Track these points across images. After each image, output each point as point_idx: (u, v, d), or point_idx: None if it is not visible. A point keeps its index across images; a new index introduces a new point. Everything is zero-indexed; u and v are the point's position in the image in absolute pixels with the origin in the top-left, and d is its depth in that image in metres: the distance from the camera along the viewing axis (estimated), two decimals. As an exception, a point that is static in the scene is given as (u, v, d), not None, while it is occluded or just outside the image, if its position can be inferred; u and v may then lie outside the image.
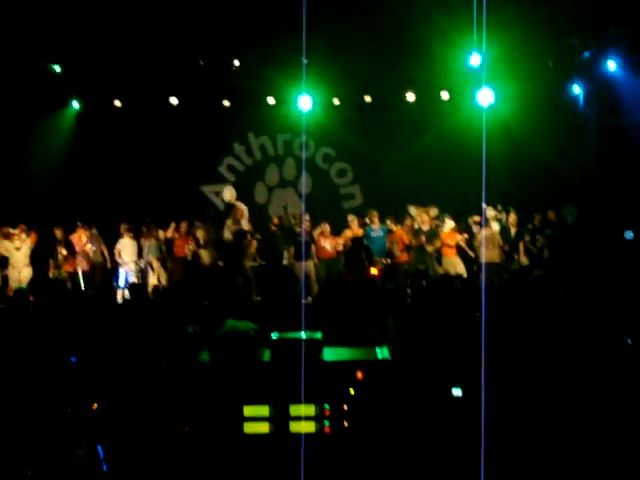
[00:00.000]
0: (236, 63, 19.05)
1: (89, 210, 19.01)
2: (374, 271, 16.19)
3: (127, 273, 18.09)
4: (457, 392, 7.07)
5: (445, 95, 20.36)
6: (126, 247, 18.13)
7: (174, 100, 20.19)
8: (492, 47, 16.78)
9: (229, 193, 17.90)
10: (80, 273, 18.02)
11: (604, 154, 18.51)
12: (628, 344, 7.88)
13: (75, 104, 20.49)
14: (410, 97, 20.25)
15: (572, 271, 14.83)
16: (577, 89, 19.74)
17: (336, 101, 20.65)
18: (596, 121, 18.96)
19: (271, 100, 20.35)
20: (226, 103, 20.51)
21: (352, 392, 6.56)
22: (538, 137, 19.66)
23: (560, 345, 7.75)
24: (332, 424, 6.45)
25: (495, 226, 18.08)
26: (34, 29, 16.77)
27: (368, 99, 20.55)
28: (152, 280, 17.99)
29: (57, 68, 18.73)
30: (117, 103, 20.26)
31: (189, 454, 6.64)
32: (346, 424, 6.48)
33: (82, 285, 17.71)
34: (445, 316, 8.84)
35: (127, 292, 16.77)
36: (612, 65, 18.12)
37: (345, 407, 6.50)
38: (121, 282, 18.10)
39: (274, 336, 7.25)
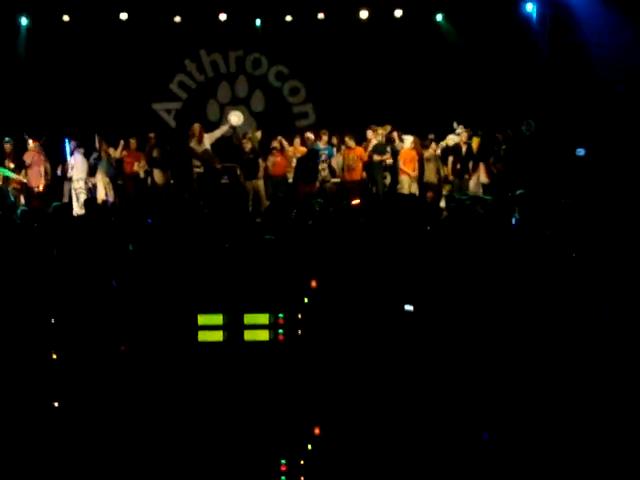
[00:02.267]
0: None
1: (39, 126, 18.73)
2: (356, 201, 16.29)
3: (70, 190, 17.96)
4: (409, 307, 7.14)
5: (398, 13, 20.22)
6: (77, 164, 17.93)
7: (124, 15, 19.85)
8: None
9: (236, 118, 17.73)
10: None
11: (558, 72, 18.52)
12: (576, 259, 7.96)
13: (23, 20, 20.02)
14: (363, 14, 20.11)
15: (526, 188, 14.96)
16: (530, 7, 19.67)
17: (289, 17, 20.42)
18: (549, 39, 18.94)
19: (223, 16, 20.08)
20: (177, 19, 20.19)
21: (306, 301, 6.61)
22: (492, 56, 19.64)
23: (507, 263, 7.81)
24: (286, 332, 6.50)
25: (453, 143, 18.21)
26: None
27: (321, 16, 20.35)
28: (100, 197, 17.86)
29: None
30: (66, 18, 19.84)
31: (144, 365, 6.68)
32: (299, 332, 6.54)
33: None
34: (393, 233, 8.88)
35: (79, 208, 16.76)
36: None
37: (299, 316, 6.55)
38: (65, 199, 18.02)
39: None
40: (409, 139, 18.05)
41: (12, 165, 17.53)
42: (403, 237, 8.57)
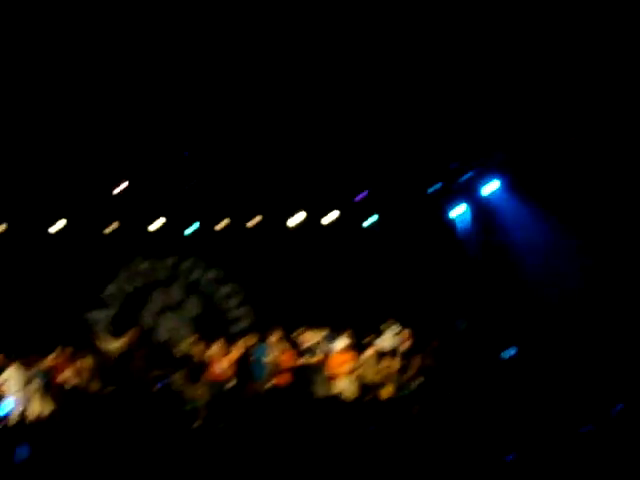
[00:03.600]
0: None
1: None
2: None
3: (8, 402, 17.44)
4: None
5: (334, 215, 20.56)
6: (12, 377, 17.47)
7: (54, 228, 19.94)
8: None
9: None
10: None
11: (487, 269, 18.84)
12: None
13: None
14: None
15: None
16: (460, 209, 20.04)
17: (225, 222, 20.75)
18: (477, 239, 19.32)
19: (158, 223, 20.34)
20: (109, 229, 20.36)
21: None
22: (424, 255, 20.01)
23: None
24: None
25: (387, 344, 18.21)
26: None
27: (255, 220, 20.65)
28: (35, 410, 17.36)
29: None
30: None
31: None
32: None
33: None
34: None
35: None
36: (491, 186, 18.60)
37: None
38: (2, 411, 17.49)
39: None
40: (342, 341, 18.01)
41: None
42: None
